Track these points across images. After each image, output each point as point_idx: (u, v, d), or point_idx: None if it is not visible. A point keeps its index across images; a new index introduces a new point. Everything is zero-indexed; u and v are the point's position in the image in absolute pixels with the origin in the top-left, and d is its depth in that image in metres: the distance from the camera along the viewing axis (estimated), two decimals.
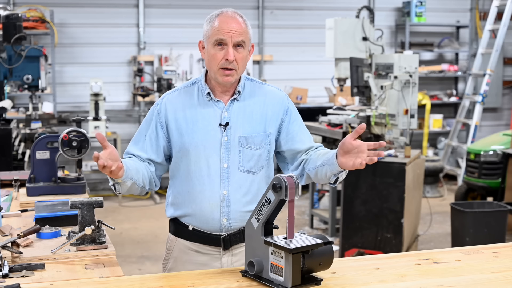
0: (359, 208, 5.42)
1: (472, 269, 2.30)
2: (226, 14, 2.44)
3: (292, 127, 2.58)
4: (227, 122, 2.48)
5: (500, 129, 9.24)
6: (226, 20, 2.42)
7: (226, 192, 2.47)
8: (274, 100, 2.56)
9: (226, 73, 2.43)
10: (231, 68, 2.42)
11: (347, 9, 8.96)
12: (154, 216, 7.37)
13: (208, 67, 2.49)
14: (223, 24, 2.41)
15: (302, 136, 2.60)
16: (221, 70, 2.43)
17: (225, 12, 2.45)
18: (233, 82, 2.48)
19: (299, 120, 2.62)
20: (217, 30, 2.41)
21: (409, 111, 5.57)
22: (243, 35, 2.42)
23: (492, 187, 6.71)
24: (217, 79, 2.46)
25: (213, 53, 2.43)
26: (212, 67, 2.46)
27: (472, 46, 9.86)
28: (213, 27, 2.43)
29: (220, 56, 2.41)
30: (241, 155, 2.48)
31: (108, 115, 8.19)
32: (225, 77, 2.44)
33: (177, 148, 2.51)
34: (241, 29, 2.42)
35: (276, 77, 9.04)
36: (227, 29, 2.40)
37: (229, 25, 2.41)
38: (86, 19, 8.45)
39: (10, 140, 4.82)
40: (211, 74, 2.49)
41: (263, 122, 2.52)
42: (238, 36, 2.41)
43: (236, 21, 2.43)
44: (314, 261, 2.08)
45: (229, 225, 2.49)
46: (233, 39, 2.40)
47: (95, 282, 2.10)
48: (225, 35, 2.40)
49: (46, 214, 2.75)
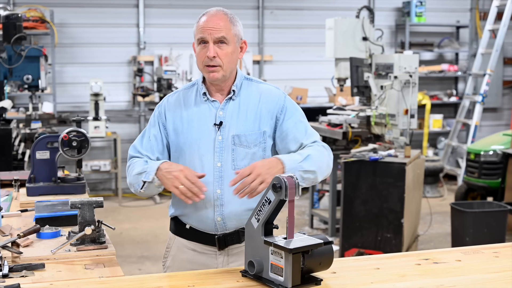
0: (359, 208, 5.42)
1: (472, 269, 2.30)
2: (210, 12, 2.50)
3: (286, 125, 2.55)
4: (221, 121, 2.50)
5: (500, 129, 9.24)
6: (208, 18, 2.48)
7: (219, 191, 2.48)
8: (269, 98, 2.56)
9: (210, 70, 2.47)
10: (214, 64, 2.45)
11: (347, 9, 8.95)
12: (154, 216, 7.37)
13: (197, 66, 2.55)
14: (205, 23, 2.47)
15: (296, 134, 2.54)
16: (206, 68, 2.48)
17: (209, 11, 2.51)
18: (220, 79, 2.50)
19: (295, 118, 2.57)
20: (200, 29, 2.47)
21: (409, 111, 5.58)
22: (223, 31, 2.45)
23: (492, 187, 6.71)
24: (207, 77, 2.52)
25: (197, 51, 2.50)
26: (199, 66, 2.53)
27: (472, 46, 9.86)
28: (198, 26, 2.49)
29: (203, 54, 2.47)
30: (235, 154, 2.49)
31: (108, 115, 8.20)
32: (210, 74, 2.48)
33: (174, 148, 2.55)
34: (222, 26, 2.46)
35: (276, 77, 9.04)
36: (207, 26, 2.45)
37: (209, 23, 2.46)
38: (86, 19, 8.45)
39: (10, 140, 4.82)
40: (201, 73, 2.55)
41: (257, 121, 2.53)
42: (218, 32, 2.45)
43: (217, 18, 2.47)
44: (314, 261, 2.08)
45: (224, 224, 2.51)
46: (212, 36, 2.44)
47: (95, 282, 2.10)
48: (205, 33, 2.45)
49: (46, 214, 2.75)
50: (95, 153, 8.49)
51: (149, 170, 2.44)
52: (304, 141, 2.54)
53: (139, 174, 2.46)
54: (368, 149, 5.67)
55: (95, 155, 8.50)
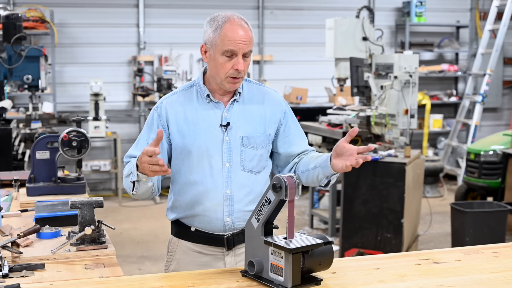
0: (359, 208, 5.42)
1: (472, 269, 2.30)
2: (233, 21, 2.40)
3: (289, 130, 2.61)
4: (228, 122, 2.49)
5: (500, 129, 9.24)
6: (234, 29, 2.39)
7: (229, 192, 2.48)
8: (272, 101, 2.59)
9: (234, 81, 2.44)
10: (239, 76, 2.43)
11: (347, 9, 8.95)
12: (154, 216, 7.37)
13: (214, 73, 2.47)
14: (233, 34, 2.38)
15: (298, 139, 2.63)
16: (229, 79, 2.43)
17: (231, 19, 2.41)
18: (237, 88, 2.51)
19: (295, 123, 2.65)
20: (227, 41, 2.38)
21: (409, 111, 5.57)
22: (251, 45, 2.43)
23: (492, 187, 6.71)
24: (223, 86, 2.47)
25: (222, 62, 2.41)
26: (219, 75, 2.44)
27: (472, 46, 9.86)
28: (222, 36, 2.39)
29: (229, 66, 2.41)
30: (243, 155, 2.50)
31: (108, 115, 8.20)
32: (232, 85, 2.46)
33: (178, 150, 2.51)
34: (249, 38, 2.42)
35: (276, 77, 9.04)
36: (238, 39, 2.38)
37: (238, 35, 2.38)
38: (86, 19, 8.45)
39: (10, 140, 4.82)
40: (217, 80, 2.47)
41: (263, 123, 2.54)
42: (248, 46, 2.41)
43: (244, 29, 2.40)
44: (314, 261, 2.08)
45: (233, 224, 2.51)
46: (243, 50, 2.40)
47: (95, 282, 2.10)
48: (236, 47, 2.38)
49: (46, 214, 2.75)
50: (95, 153, 8.49)
51: (133, 169, 2.35)
52: (305, 145, 2.65)
53: (127, 177, 2.41)
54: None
55: (95, 155, 8.50)
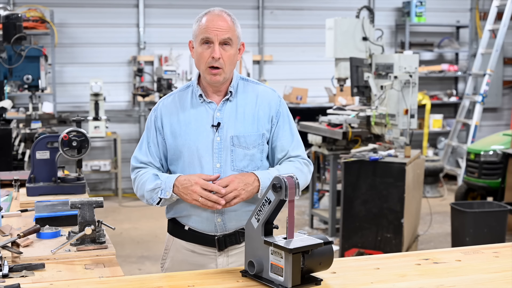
0: (359, 208, 5.42)
1: (472, 269, 2.30)
2: (213, 12, 2.47)
3: (277, 131, 2.56)
4: (218, 122, 2.49)
5: (500, 129, 9.24)
6: (212, 18, 2.44)
7: None
8: (266, 100, 2.56)
9: (213, 72, 2.45)
10: (217, 66, 2.43)
11: (347, 9, 8.95)
12: (154, 216, 7.37)
13: (197, 66, 2.52)
14: (209, 23, 2.43)
15: (284, 142, 2.56)
16: (209, 69, 2.45)
17: (212, 11, 2.47)
18: (221, 82, 2.49)
19: (287, 126, 2.58)
20: (203, 29, 2.44)
21: (409, 111, 5.58)
22: (229, 33, 2.44)
23: (492, 187, 6.71)
24: (205, 78, 2.49)
25: (200, 51, 2.45)
26: (200, 66, 2.49)
27: (472, 46, 9.85)
28: (200, 25, 2.45)
29: (207, 55, 2.44)
30: (234, 155, 2.49)
31: (108, 115, 8.20)
32: (212, 77, 2.46)
33: (172, 151, 2.54)
34: (227, 27, 2.44)
35: (276, 77, 9.04)
36: (213, 27, 2.42)
37: (215, 23, 2.43)
38: (86, 19, 8.45)
39: (10, 140, 4.82)
40: (202, 74, 2.51)
41: (255, 122, 2.53)
42: (224, 33, 2.43)
43: (222, 18, 2.44)
44: (314, 261, 2.07)
45: (224, 225, 2.51)
46: (219, 37, 2.42)
47: (95, 282, 2.10)
48: (211, 33, 2.42)
49: (46, 214, 2.75)
50: (95, 153, 8.49)
51: (165, 186, 2.44)
52: (290, 150, 2.56)
53: (152, 191, 2.47)
54: (368, 149, 5.67)
55: (95, 155, 8.50)
